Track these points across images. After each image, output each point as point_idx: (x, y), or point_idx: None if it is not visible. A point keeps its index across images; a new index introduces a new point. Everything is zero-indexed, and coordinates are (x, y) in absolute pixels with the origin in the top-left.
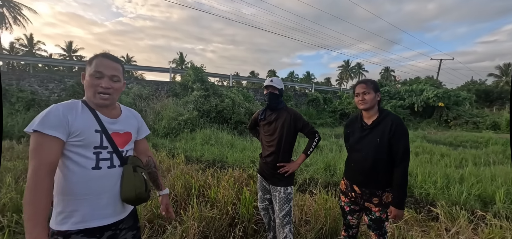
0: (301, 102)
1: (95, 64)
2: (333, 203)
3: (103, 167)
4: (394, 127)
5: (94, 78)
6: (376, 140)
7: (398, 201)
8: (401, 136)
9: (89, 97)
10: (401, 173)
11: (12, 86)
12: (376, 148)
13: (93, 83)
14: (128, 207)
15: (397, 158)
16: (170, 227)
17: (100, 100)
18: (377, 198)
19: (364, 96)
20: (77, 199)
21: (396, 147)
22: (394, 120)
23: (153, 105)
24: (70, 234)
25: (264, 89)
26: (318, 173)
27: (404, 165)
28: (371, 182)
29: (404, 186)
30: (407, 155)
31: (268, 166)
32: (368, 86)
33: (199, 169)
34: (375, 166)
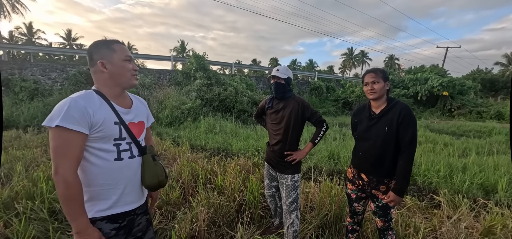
0: (303, 90)
1: (120, 49)
2: (337, 190)
3: (124, 158)
4: (403, 115)
5: (127, 62)
6: (384, 129)
7: (399, 188)
8: (409, 124)
9: (123, 81)
10: (405, 161)
11: (15, 76)
12: (384, 137)
13: (128, 67)
14: (145, 193)
15: (403, 145)
16: (180, 213)
17: (135, 80)
18: (384, 186)
19: (374, 86)
20: (103, 189)
21: (403, 134)
22: (403, 108)
23: (156, 94)
24: (95, 221)
25: (270, 79)
26: (322, 162)
27: (409, 153)
28: (379, 170)
29: (407, 174)
30: (413, 143)
31: (275, 155)
32: (377, 75)
33: (204, 157)
34: (383, 155)
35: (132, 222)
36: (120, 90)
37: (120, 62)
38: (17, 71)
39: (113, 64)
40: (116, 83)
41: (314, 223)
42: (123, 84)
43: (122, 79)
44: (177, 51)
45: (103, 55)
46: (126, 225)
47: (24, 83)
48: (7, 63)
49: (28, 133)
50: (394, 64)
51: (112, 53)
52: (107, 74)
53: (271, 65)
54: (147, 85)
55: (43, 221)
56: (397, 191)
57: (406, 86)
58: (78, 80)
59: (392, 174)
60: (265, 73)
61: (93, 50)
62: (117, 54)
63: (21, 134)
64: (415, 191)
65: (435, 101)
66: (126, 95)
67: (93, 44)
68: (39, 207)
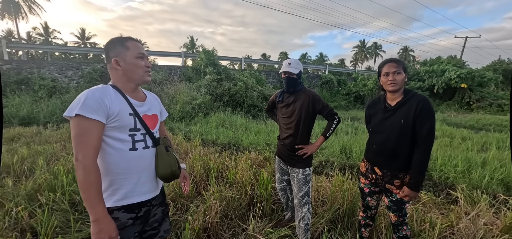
0: (314, 84)
1: (134, 46)
2: (349, 185)
3: (139, 148)
4: (421, 107)
5: (140, 59)
6: (400, 122)
7: (414, 182)
8: (426, 117)
9: (137, 77)
10: (421, 155)
11: (34, 74)
12: (399, 130)
13: (140, 64)
14: (160, 184)
15: (419, 139)
16: (193, 205)
17: (148, 77)
18: (399, 180)
19: (395, 77)
20: (119, 178)
21: (420, 128)
22: (421, 100)
23: (167, 90)
24: (113, 210)
25: (281, 74)
26: (334, 156)
27: (425, 147)
28: (393, 164)
29: (423, 168)
30: (430, 137)
31: (286, 148)
32: (399, 66)
33: (215, 152)
34: (398, 148)
35: (148, 213)
36: (133, 86)
37: (133, 59)
38: (36, 70)
39: (126, 62)
40: (129, 79)
41: (326, 217)
42: (136, 80)
43: (134, 76)
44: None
45: (117, 52)
46: (143, 215)
47: (43, 82)
48: (26, 62)
49: (48, 129)
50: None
51: (125, 50)
52: (121, 71)
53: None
54: (158, 81)
55: (65, 212)
56: (412, 186)
57: (421, 79)
58: (93, 77)
59: (407, 169)
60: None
61: (109, 47)
62: (130, 52)
63: (42, 130)
64: (431, 186)
65: (453, 94)
66: (140, 90)
67: (109, 41)
68: (61, 199)
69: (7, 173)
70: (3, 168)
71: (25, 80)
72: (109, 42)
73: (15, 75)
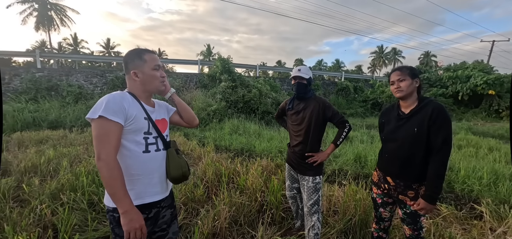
0: (329, 91)
1: (151, 59)
2: (363, 195)
3: (151, 151)
4: (435, 115)
5: (156, 71)
6: (413, 130)
7: (429, 194)
8: (442, 125)
9: (153, 87)
10: (437, 165)
11: (63, 82)
12: (413, 138)
13: (156, 75)
14: (169, 186)
15: (435, 148)
16: (203, 210)
17: (163, 87)
18: (412, 192)
19: (400, 84)
20: (132, 179)
21: (435, 136)
22: (436, 107)
23: (184, 97)
24: None
25: (292, 80)
26: (348, 164)
27: (441, 157)
28: (406, 174)
29: (439, 179)
30: (447, 146)
31: (296, 156)
32: (403, 73)
33: (228, 158)
34: (411, 158)
35: (158, 214)
36: (148, 94)
37: (150, 71)
38: (65, 78)
39: (144, 73)
40: (146, 89)
41: (337, 227)
42: (152, 90)
43: (151, 86)
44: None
45: (135, 65)
46: (153, 216)
47: (70, 88)
48: (56, 70)
49: (73, 133)
50: (430, 61)
51: (143, 63)
52: (139, 81)
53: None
54: (175, 88)
55: (83, 211)
56: (427, 198)
57: (444, 85)
58: (115, 84)
59: (421, 179)
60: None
61: (128, 59)
62: (148, 64)
63: (67, 133)
64: (453, 199)
65: (479, 101)
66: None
67: (128, 54)
68: (80, 199)
69: (34, 172)
70: (31, 168)
71: (54, 87)
72: (127, 55)
73: (46, 82)
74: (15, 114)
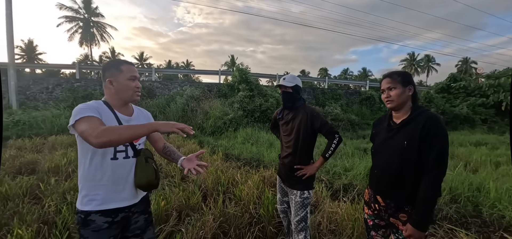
0: (352, 101)
1: (127, 70)
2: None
3: (119, 158)
4: (427, 127)
5: (131, 81)
6: (403, 143)
7: (418, 218)
8: (435, 140)
9: (126, 96)
10: (428, 186)
11: (96, 91)
12: (402, 153)
13: (131, 85)
14: (140, 193)
15: (426, 165)
16: (193, 219)
17: (137, 97)
18: (405, 215)
19: (390, 93)
20: (98, 184)
21: (426, 151)
22: (429, 119)
23: (203, 105)
24: (90, 213)
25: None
26: (357, 179)
27: (433, 176)
28: (396, 194)
29: (429, 202)
30: (441, 164)
31: (285, 168)
32: (393, 80)
33: (236, 167)
34: (401, 175)
35: (127, 219)
36: (122, 103)
37: (125, 81)
38: (98, 87)
39: (119, 83)
40: (120, 98)
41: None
42: (126, 99)
43: (125, 95)
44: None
45: (111, 74)
46: (120, 221)
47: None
48: (92, 81)
49: None
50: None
51: (119, 73)
52: (113, 90)
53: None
54: (195, 97)
55: None
56: (415, 223)
57: (484, 94)
58: (142, 94)
59: (415, 201)
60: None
61: (105, 69)
62: (124, 74)
63: None
64: (479, 225)
65: None
66: (129, 106)
67: (106, 64)
68: None
69: (56, 173)
70: (54, 168)
71: (89, 96)
72: (105, 64)
73: (82, 91)
74: (53, 120)
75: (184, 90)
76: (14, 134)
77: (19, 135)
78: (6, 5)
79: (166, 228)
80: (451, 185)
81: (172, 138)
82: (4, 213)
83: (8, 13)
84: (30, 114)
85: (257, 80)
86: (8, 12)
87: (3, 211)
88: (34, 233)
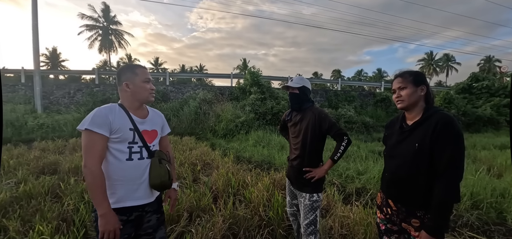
0: (367, 103)
1: (142, 73)
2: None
3: (134, 159)
4: (439, 128)
5: (146, 83)
6: (414, 146)
7: (432, 225)
8: (448, 141)
9: (142, 97)
10: (442, 190)
11: (114, 95)
12: (414, 156)
13: (146, 87)
14: (154, 193)
15: (440, 169)
16: (203, 220)
17: (152, 98)
18: (417, 220)
19: (400, 92)
20: (115, 183)
21: (439, 153)
22: (441, 119)
23: (215, 108)
24: None
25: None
26: (371, 183)
27: (448, 180)
28: (408, 198)
29: (444, 207)
30: (455, 166)
31: (294, 170)
32: (405, 79)
33: (247, 169)
34: (413, 179)
35: (141, 218)
36: (138, 104)
37: (141, 83)
38: (116, 92)
39: (135, 85)
40: (136, 99)
41: None
42: (142, 100)
43: (140, 96)
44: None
45: (127, 77)
46: (134, 219)
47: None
48: (110, 85)
49: None
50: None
51: (134, 76)
52: (130, 92)
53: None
54: (208, 100)
55: None
56: (429, 229)
57: (510, 94)
58: (156, 98)
59: (428, 206)
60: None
61: (121, 73)
62: (139, 77)
63: None
64: (503, 233)
65: None
66: (144, 108)
67: (121, 68)
68: None
69: (75, 173)
70: (74, 169)
71: (107, 100)
72: (121, 69)
73: (101, 96)
74: (73, 123)
75: (197, 93)
76: (39, 137)
77: (43, 137)
78: (32, 17)
79: (177, 228)
80: (472, 190)
81: (185, 140)
82: (28, 210)
83: (34, 24)
84: (53, 118)
85: (268, 82)
86: (34, 23)
87: (26, 208)
88: (54, 229)
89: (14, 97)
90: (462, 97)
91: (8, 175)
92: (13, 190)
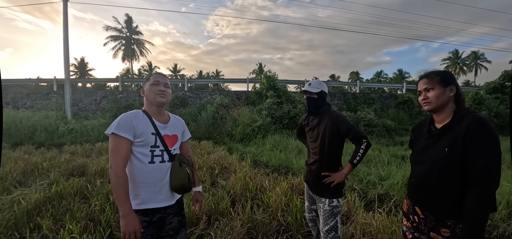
0: (388, 105)
1: (152, 78)
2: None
3: (156, 162)
4: (472, 131)
5: (154, 85)
6: (443, 150)
7: (465, 235)
8: (481, 145)
9: (151, 99)
10: (475, 198)
11: (136, 101)
12: (443, 162)
13: (153, 89)
14: (176, 196)
15: (473, 175)
16: (222, 224)
17: (159, 98)
18: (448, 230)
19: (427, 94)
20: (138, 186)
21: (472, 159)
22: (474, 122)
23: (232, 113)
24: None
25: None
26: (394, 189)
27: (482, 188)
28: (437, 207)
29: (478, 218)
30: (490, 173)
31: (313, 175)
32: (431, 80)
33: (264, 174)
34: (443, 186)
35: (162, 220)
36: (155, 108)
37: (149, 86)
38: (138, 98)
39: (146, 89)
40: (149, 103)
41: None
42: (152, 101)
43: (150, 98)
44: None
45: (144, 84)
46: (156, 221)
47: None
48: (132, 92)
49: None
50: None
51: (147, 82)
52: (144, 97)
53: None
54: (225, 105)
55: None
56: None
57: None
58: (175, 103)
59: (459, 215)
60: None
61: (143, 82)
62: (149, 81)
63: None
64: None
65: None
66: (165, 113)
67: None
68: None
69: (101, 175)
70: (100, 171)
71: (130, 106)
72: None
73: (124, 102)
74: (99, 128)
75: (214, 98)
76: (69, 141)
77: (72, 141)
78: (63, 30)
79: (196, 231)
80: (508, 198)
81: (203, 144)
82: (59, 210)
83: (65, 36)
84: (81, 123)
85: (285, 86)
86: (65, 36)
87: (58, 208)
88: (82, 228)
89: (47, 104)
90: (494, 97)
91: (42, 176)
92: (46, 191)
